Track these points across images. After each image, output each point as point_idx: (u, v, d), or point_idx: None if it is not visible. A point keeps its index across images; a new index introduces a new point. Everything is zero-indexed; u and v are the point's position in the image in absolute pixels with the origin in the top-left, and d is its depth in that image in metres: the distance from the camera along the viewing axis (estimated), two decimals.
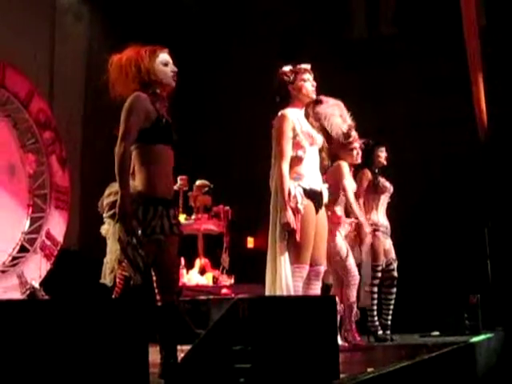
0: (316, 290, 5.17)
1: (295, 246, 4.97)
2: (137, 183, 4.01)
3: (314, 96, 5.30)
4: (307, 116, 5.32)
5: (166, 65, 4.16)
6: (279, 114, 5.16)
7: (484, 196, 8.85)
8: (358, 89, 6.08)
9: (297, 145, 5.09)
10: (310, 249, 5.04)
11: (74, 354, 2.73)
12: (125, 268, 5.09)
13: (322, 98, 5.76)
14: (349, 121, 6.03)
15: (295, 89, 5.22)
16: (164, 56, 4.18)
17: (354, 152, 6.32)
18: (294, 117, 5.14)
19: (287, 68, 5.30)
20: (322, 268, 5.22)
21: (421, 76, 9.73)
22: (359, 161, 6.47)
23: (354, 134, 6.19)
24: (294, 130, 5.09)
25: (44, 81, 9.50)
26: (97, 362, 2.79)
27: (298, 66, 5.30)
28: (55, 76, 9.67)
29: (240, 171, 9.94)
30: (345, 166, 6.24)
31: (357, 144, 6.32)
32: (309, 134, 5.16)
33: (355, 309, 6.09)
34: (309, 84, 5.25)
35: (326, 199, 5.27)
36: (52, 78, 9.66)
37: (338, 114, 5.86)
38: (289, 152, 5.05)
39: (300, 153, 5.08)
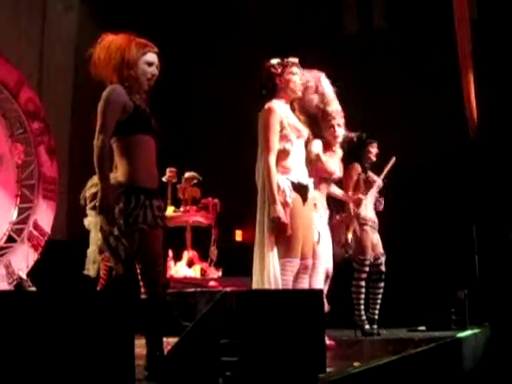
0: (304, 283, 5.16)
1: (285, 240, 4.95)
2: (118, 174, 3.99)
3: (299, 93, 5.28)
4: (293, 109, 5.29)
5: (149, 65, 4.13)
6: (266, 106, 5.13)
7: (473, 192, 8.86)
8: (348, 83, 6.06)
9: (284, 138, 5.06)
10: (301, 242, 5.03)
11: (59, 346, 2.72)
12: (108, 258, 5.07)
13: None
14: (328, 94, 5.82)
15: (283, 82, 5.19)
16: (151, 56, 4.14)
17: (332, 129, 5.93)
18: (280, 110, 5.12)
19: (275, 61, 5.27)
20: (310, 261, 5.21)
21: (412, 71, 9.72)
22: (338, 139, 6.00)
23: (331, 108, 5.86)
24: (281, 123, 5.06)
25: (33, 71, 9.46)
26: (82, 354, 2.78)
27: (286, 60, 5.27)
28: (44, 66, 9.62)
29: (229, 164, 9.92)
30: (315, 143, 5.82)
31: (337, 121, 5.91)
32: (295, 127, 5.14)
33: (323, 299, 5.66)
34: (297, 78, 5.23)
35: (311, 193, 5.26)
36: (41, 68, 9.61)
37: (313, 86, 5.73)
38: (276, 145, 5.03)
39: (288, 146, 5.06)
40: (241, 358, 3.22)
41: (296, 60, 5.29)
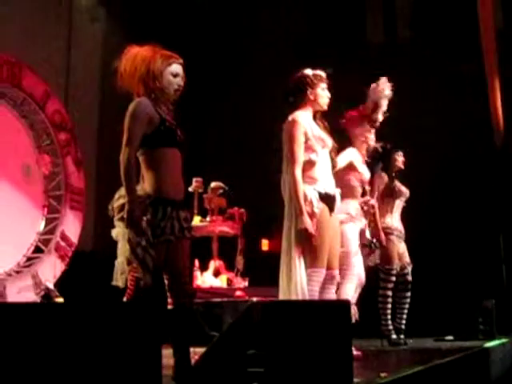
0: (331, 294, 5.15)
1: (311, 250, 4.94)
2: (145, 186, 4.03)
3: (326, 107, 5.28)
4: (314, 117, 5.29)
5: (175, 76, 4.17)
6: (289, 118, 5.13)
7: (499, 201, 8.81)
8: None
9: (309, 149, 5.06)
10: (327, 252, 5.02)
11: (87, 356, 2.74)
12: (136, 269, 5.10)
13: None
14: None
15: (313, 94, 5.19)
16: (176, 67, 4.18)
17: (367, 134, 6.15)
18: (304, 121, 5.11)
19: (310, 72, 5.27)
20: (336, 271, 5.20)
21: (437, 80, 9.69)
22: (370, 143, 6.24)
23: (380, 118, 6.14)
24: (305, 134, 5.06)
25: (60, 82, 9.54)
26: (109, 365, 2.80)
27: (319, 73, 5.27)
28: (71, 77, 9.70)
29: (255, 173, 9.92)
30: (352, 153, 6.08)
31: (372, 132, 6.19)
32: (320, 137, 5.14)
33: (354, 308, 5.61)
34: (326, 94, 5.24)
35: (338, 203, 5.25)
36: (68, 80, 9.69)
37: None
38: (301, 157, 5.02)
39: (313, 156, 5.06)
40: (267, 369, 3.22)
41: (324, 74, 5.31)
